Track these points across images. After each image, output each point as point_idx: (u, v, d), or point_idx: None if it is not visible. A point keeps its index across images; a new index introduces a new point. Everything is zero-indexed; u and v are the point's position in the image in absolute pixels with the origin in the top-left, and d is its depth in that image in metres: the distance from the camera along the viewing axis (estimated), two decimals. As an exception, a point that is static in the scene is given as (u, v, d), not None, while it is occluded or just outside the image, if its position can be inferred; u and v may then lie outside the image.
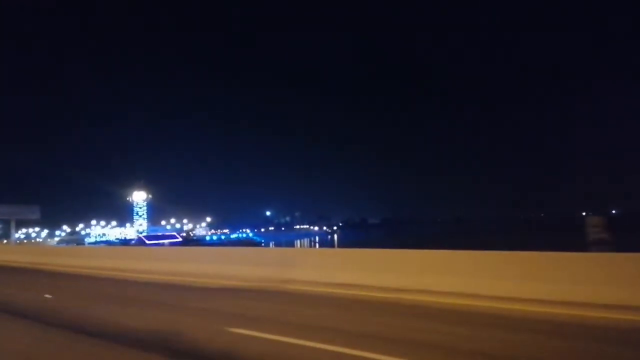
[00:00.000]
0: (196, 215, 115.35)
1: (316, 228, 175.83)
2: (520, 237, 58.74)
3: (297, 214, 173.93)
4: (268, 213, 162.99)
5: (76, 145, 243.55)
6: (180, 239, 76.13)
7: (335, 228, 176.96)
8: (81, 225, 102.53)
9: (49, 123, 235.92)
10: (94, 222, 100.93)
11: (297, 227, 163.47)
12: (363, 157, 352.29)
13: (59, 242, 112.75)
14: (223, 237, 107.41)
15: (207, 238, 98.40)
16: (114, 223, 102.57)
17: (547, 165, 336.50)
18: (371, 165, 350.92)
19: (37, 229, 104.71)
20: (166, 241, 69.75)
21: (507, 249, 8.21)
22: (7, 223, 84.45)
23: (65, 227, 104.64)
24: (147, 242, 68.06)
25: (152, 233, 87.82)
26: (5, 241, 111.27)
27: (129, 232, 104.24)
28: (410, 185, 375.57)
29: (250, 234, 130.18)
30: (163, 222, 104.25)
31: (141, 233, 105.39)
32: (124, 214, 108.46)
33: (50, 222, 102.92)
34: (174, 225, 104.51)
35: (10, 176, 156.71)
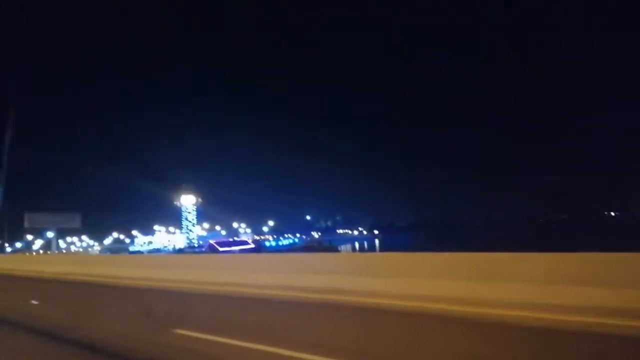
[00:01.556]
0: (253, 220, 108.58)
1: (355, 232, 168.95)
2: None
3: (338, 217, 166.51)
4: (308, 217, 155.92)
5: (119, 148, 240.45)
6: (253, 245, 69.90)
7: (376, 232, 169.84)
8: (135, 232, 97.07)
9: (90, 127, 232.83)
10: (155, 226, 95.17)
11: (340, 231, 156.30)
12: (372, 159, 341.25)
13: (101, 251, 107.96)
14: (289, 241, 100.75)
15: (267, 244, 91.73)
16: (172, 229, 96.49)
17: (572, 166, 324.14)
18: (387, 167, 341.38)
19: (84, 237, 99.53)
20: (236, 248, 63.29)
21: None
22: (60, 232, 79.58)
23: (115, 234, 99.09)
24: (220, 248, 61.66)
25: (221, 239, 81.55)
26: (41, 251, 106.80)
27: (178, 238, 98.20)
28: (426, 187, 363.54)
29: (296, 239, 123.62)
30: (218, 228, 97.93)
31: (190, 240, 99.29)
32: (172, 220, 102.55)
33: (96, 230, 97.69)
34: (233, 230, 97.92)
35: (52, 183, 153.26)
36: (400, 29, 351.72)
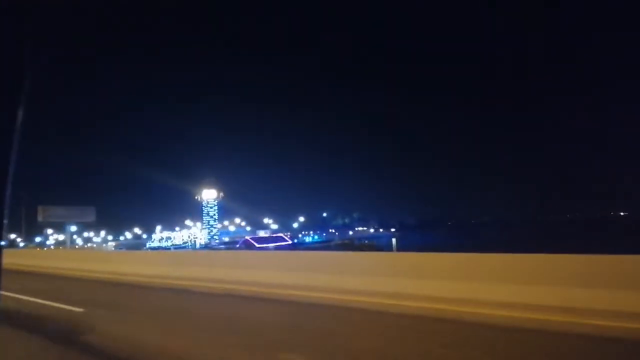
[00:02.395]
0: (282, 215, 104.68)
1: (372, 230, 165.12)
2: None
3: (355, 214, 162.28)
4: (324, 214, 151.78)
5: (139, 142, 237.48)
6: (289, 242, 65.92)
7: (393, 230, 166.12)
8: (158, 227, 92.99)
9: (110, 122, 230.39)
10: (187, 221, 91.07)
11: (360, 229, 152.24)
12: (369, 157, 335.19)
13: (116, 247, 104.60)
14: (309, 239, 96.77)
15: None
16: (199, 225, 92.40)
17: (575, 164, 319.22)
18: (395, 165, 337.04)
19: (102, 232, 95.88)
20: (271, 244, 59.33)
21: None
22: (86, 226, 76.05)
23: (136, 229, 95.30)
24: (256, 245, 57.75)
25: (256, 235, 77.63)
26: (52, 247, 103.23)
27: (199, 234, 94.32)
28: (431, 185, 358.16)
29: (315, 237, 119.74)
30: (243, 223, 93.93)
31: (211, 236, 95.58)
32: (191, 215, 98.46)
33: (114, 225, 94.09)
34: (264, 226, 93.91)
35: (72, 178, 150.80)
36: (419, 29, 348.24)
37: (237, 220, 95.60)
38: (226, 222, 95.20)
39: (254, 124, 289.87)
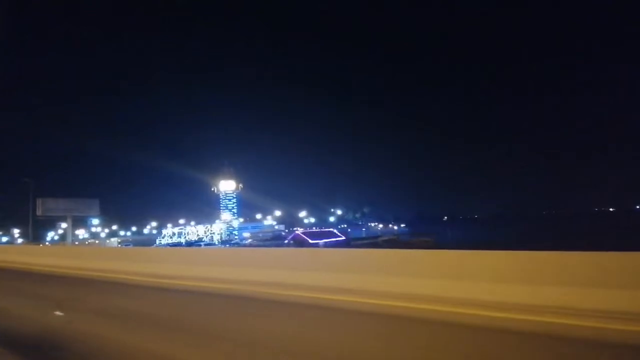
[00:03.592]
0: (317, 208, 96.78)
1: (380, 226, 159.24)
2: None
3: (365, 209, 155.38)
4: (332, 210, 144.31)
5: (152, 131, 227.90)
6: (343, 238, 58.81)
7: (403, 226, 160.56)
8: (182, 221, 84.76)
9: (120, 110, 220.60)
10: (223, 214, 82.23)
11: (373, 224, 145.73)
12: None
13: (121, 243, 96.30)
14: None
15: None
16: (227, 217, 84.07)
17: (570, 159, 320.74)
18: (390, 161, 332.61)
19: (114, 226, 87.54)
20: (321, 241, 52.25)
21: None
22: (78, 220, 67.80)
23: (154, 223, 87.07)
24: (310, 240, 50.64)
25: (307, 230, 70.35)
26: (46, 243, 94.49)
27: (215, 229, 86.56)
28: (424, 180, 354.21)
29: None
30: (269, 217, 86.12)
31: (230, 231, 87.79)
32: (208, 208, 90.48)
33: (125, 219, 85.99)
34: (297, 220, 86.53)
35: (82, 172, 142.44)
36: (418, 28, 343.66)
37: (259, 214, 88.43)
38: (259, 216, 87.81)
39: (263, 121, 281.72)
